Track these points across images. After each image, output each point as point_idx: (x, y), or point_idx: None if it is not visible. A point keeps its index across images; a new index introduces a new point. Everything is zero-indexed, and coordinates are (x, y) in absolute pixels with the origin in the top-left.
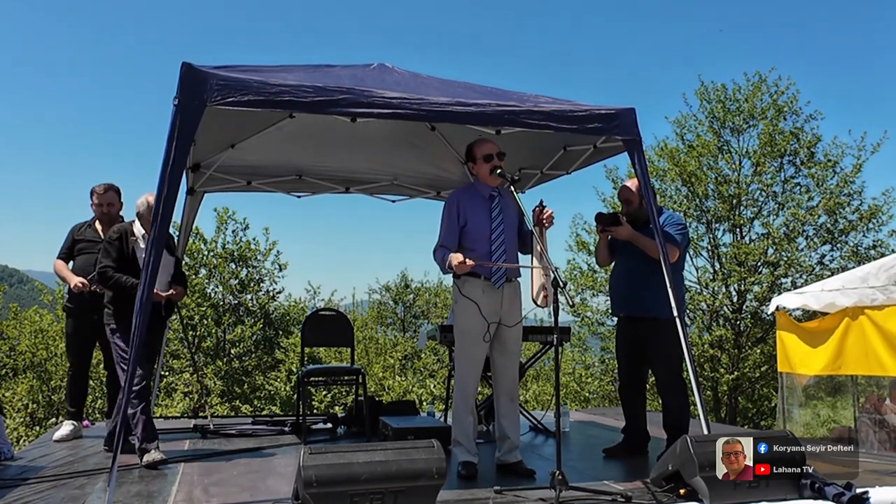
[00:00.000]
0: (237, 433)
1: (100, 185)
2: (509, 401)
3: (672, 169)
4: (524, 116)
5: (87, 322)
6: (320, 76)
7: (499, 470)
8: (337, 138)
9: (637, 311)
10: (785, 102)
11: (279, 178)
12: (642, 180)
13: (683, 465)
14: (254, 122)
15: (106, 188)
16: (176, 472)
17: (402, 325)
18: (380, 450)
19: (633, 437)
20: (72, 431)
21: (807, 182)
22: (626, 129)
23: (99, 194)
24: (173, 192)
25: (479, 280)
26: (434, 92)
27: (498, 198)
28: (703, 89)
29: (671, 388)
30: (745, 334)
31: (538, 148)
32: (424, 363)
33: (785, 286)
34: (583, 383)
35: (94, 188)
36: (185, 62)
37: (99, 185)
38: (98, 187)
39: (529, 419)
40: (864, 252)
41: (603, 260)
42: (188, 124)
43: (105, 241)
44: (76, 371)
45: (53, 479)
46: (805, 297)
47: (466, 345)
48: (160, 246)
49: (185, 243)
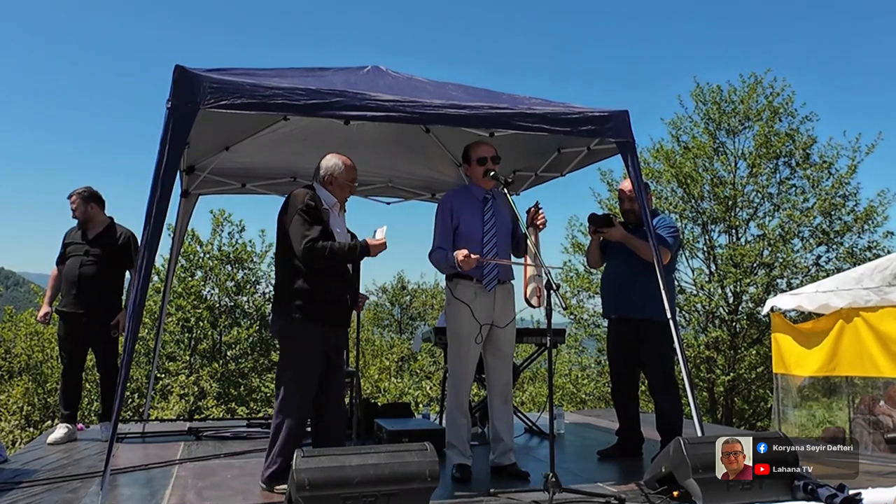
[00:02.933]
0: (232, 436)
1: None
2: (503, 403)
3: (668, 170)
4: (517, 119)
5: (79, 325)
6: (314, 79)
7: (493, 472)
8: (331, 141)
9: (629, 313)
10: (780, 104)
11: (274, 180)
12: (636, 182)
13: (677, 467)
14: (248, 124)
15: (71, 193)
16: (170, 474)
17: (398, 327)
18: (373, 453)
19: (628, 439)
20: (66, 434)
21: (802, 183)
22: (620, 131)
23: (69, 198)
24: (166, 195)
25: (471, 282)
26: (428, 95)
27: (492, 200)
28: (699, 91)
29: (664, 389)
30: (741, 335)
31: (532, 150)
32: (420, 365)
33: (780, 287)
34: (579, 385)
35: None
36: (178, 65)
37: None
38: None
39: (524, 421)
40: (859, 253)
41: (594, 261)
42: (181, 127)
43: (300, 210)
44: (69, 374)
45: (47, 483)
46: (800, 299)
47: (459, 347)
48: (153, 249)
49: (179, 246)
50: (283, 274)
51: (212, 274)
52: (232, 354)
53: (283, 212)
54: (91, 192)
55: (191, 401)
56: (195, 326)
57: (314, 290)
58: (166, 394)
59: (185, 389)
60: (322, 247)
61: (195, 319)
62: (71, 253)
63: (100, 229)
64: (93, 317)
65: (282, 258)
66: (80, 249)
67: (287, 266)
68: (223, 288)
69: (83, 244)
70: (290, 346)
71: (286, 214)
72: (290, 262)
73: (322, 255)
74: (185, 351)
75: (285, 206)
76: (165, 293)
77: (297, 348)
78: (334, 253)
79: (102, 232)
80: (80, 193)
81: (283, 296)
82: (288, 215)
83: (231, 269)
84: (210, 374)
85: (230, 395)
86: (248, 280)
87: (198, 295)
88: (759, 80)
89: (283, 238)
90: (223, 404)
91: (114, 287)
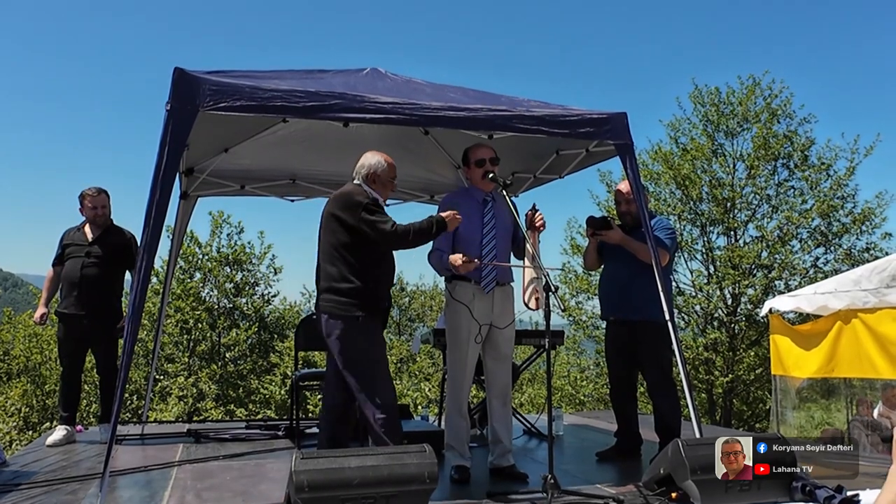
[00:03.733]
0: (231, 437)
1: (91, 189)
2: (502, 405)
3: (666, 172)
4: (516, 121)
5: (79, 326)
6: (313, 81)
7: (491, 474)
8: (330, 143)
9: (627, 315)
10: (779, 105)
11: (273, 182)
12: (634, 184)
13: (675, 469)
14: (247, 126)
15: (98, 191)
16: (169, 476)
17: (397, 329)
18: (371, 454)
19: (626, 441)
20: (65, 436)
21: (800, 185)
22: (618, 133)
23: (93, 196)
24: (166, 197)
25: (470, 284)
26: (426, 97)
27: (491, 202)
28: (697, 93)
29: (662, 390)
30: (740, 337)
31: (531, 152)
32: (419, 367)
33: (779, 289)
34: (578, 386)
35: (86, 192)
36: (177, 67)
37: (90, 189)
38: (90, 190)
39: (523, 423)
40: (857, 255)
41: (591, 263)
42: (180, 129)
43: (368, 204)
44: (68, 376)
45: (46, 485)
46: (798, 300)
47: (457, 348)
48: (152, 251)
49: (178, 248)
50: (339, 272)
51: (211, 276)
52: (231, 356)
53: (340, 208)
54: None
55: (190, 402)
56: (194, 328)
57: (372, 290)
58: (165, 395)
59: (184, 391)
60: (406, 229)
61: (194, 321)
62: (71, 254)
63: (101, 230)
64: (93, 318)
65: (336, 256)
66: (81, 251)
67: (344, 264)
68: (222, 289)
69: (84, 245)
70: (357, 347)
71: (346, 210)
72: (347, 259)
73: (407, 236)
74: (184, 353)
75: (341, 202)
76: (164, 295)
77: (372, 346)
78: (418, 232)
79: (104, 233)
80: (108, 194)
81: (340, 295)
82: (350, 211)
83: (230, 271)
84: (209, 376)
85: (229, 396)
86: (246, 282)
87: (197, 296)
88: (757, 82)
89: (344, 233)
90: (222, 406)
91: (115, 289)
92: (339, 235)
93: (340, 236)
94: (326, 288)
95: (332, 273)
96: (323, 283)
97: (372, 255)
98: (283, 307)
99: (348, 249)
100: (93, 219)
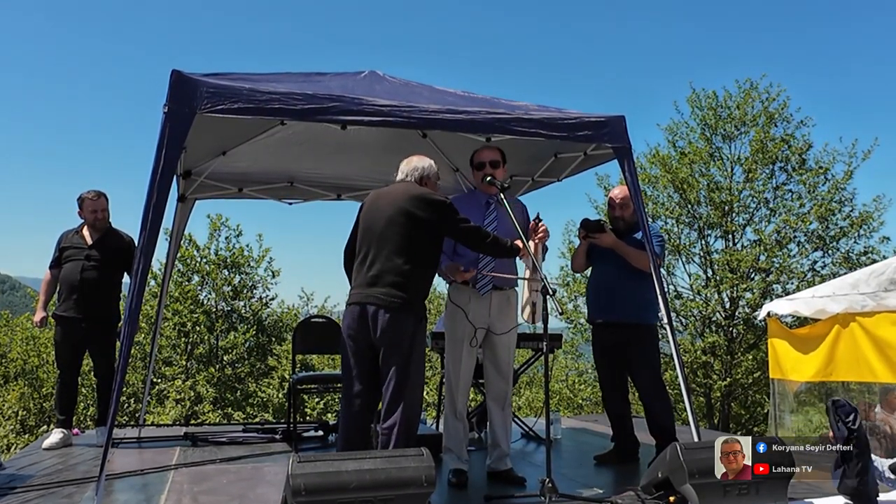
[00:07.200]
0: (228, 441)
1: (90, 192)
2: (500, 408)
3: (664, 175)
4: (514, 124)
5: (76, 330)
6: (311, 84)
7: (489, 477)
8: (328, 146)
9: (616, 318)
10: (776, 109)
11: (271, 184)
12: (632, 188)
13: (673, 473)
14: (245, 129)
15: (97, 194)
16: (165, 479)
17: None
18: (369, 458)
19: (624, 444)
20: (61, 440)
21: (798, 188)
22: (616, 136)
23: (92, 200)
24: (163, 200)
25: (467, 287)
26: (424, 100)
27: (495, 205)
28: (695, 96)
29: (654, 392)
30: (738, 340)
31: (529, 155)
32: None
33: (777, 293)
34: (576, 390)
35: (85, 195)
36: (174, 70)
37: (89, 192)
38: (89, 194)
39: (521, 426)
40: (855, 258)
41: (579, 265)
42: (178, 132)
43: (451, 203)
44: (65, 379)
45: (42, 488)
46: (796, 304)
47: (455, 351)
48: (150, 254)
49: (175, 251)
50: (416, 272)
51: (208, 278)
52: (228, 359)
53: (418, 206)
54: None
55: (187, 406)
56: (192, 331)
57: (427, 291)
58: (162, 399)
59: (182, 394)
60: (488, 232)
61: (192, 324)
62: (70, 257)
63: (100, 234)
64: (92, 322)
65: (410, 252)
66: (81, 254)
67: (422, 265)
68: (220, 293)
69: (84, 248)
70: (419, 348)
71: (429, 208)
72: (427, 260)
73: (487, 237)
74: (181, 356)
75: (419, 200)
76: (162, 297)
77: (422, 350)
78: (495, 240)
79: (103, 236)
80: (107, 197)
81: (414, 294)
82: (433, 209)
83: (228, 274)
84: (206, 379)
85: (226, 399)
86: (244, 285)
87: (194, 299)
88: (754, 86)
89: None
90: (219, 409)
91: (113, 292)
92: (414, 232)
93: (414, 232)
94: (392, 283)
95: (403, 269)
96: (389, 278)
97: (435, 257)
98: (281, 310)
99: (422, 247)
100: (92, 222)
